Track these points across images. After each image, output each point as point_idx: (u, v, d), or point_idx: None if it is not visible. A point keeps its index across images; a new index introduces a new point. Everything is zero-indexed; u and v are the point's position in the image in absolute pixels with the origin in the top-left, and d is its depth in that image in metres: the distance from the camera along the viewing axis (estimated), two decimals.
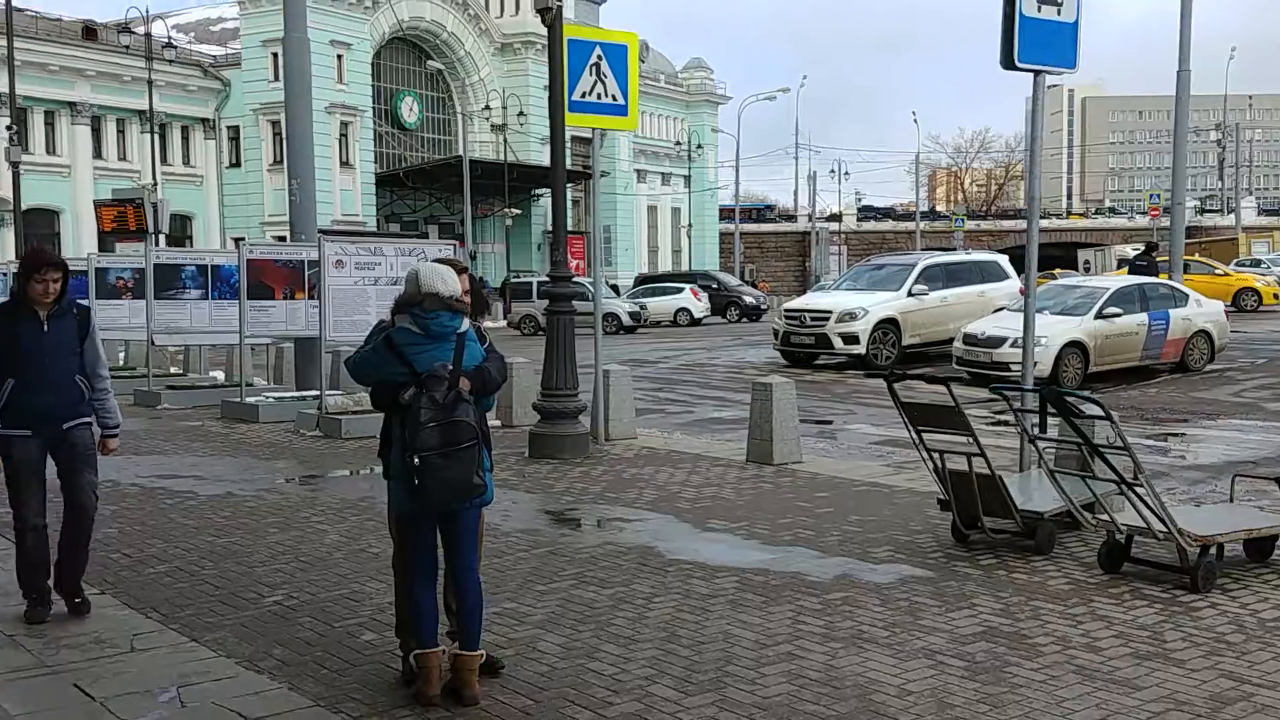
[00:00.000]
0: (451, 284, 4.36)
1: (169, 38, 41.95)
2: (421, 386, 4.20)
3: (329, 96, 45.21)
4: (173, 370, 18.28)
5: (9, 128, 30.61)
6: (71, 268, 17.66)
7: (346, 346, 13.68)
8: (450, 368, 4.27)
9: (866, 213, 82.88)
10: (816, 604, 5.53)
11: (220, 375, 17.74)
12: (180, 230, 46.71)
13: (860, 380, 17.34)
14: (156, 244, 29.25)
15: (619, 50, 10.30)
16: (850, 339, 19.04)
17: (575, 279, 12.16)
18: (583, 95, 10.17)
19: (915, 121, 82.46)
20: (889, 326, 19.29)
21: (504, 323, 37.33)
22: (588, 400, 10.74)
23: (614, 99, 10.31)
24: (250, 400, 13.23)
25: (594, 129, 10.73)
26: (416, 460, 4.14)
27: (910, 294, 19.57)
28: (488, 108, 53.11)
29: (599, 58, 10.13)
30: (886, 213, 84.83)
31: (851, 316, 19.11)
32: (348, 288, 11.84)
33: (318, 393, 12.90)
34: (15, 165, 28.73)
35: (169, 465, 9.93)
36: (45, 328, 5.24)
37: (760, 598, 5.63)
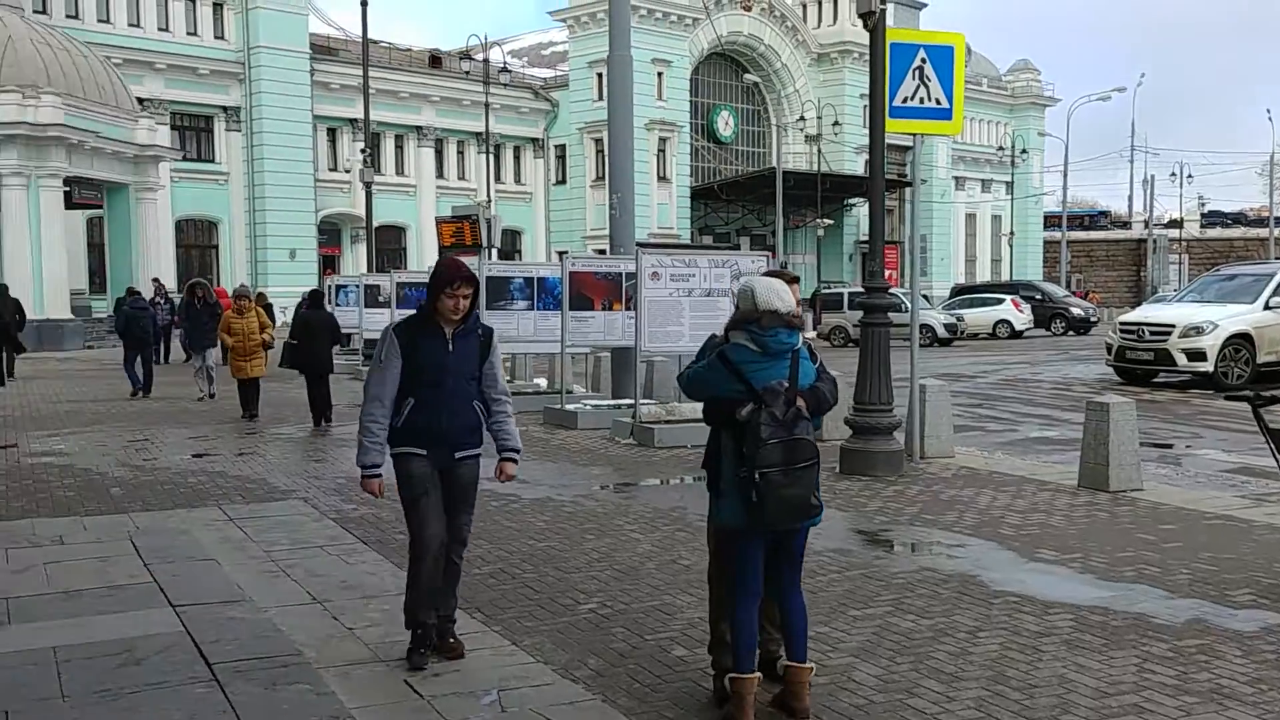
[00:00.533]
0: (788, 300, 4.24)
1: (504, 63, 44.56)
2: (760, 403, 4.11)
3: (649, 113, 46.59)
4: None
5: (364, 150, 33.41)
6: (412, 280, 19.01)
7: (660, 357, 13.96)
8: (787, 385, 4.15)
9: (1212, 218, 76.27)
10: (1166, 650, 4.98)
11: (543, 382, 18.51)
12: (510, 244, 49.55)
13: (1207, 400, 15.83)
14: (489, 258, 31.09)
15: (944, 52, 9.87)
16: (1196, 355, 17.47)
17: (890, 290, 11.79)
18: (904, 100, 9.81)
19: (1270, 119, 75.15)
20: (1241, 342, 17.56)
21: (814, 334, 36.98)
22: (902, 415, 10.35)
23: (937, 103, 9.88)
24: (570, 407, 13.69)
25: (914, 135, 10.33)
26: (757, 476, 4.05)
27: (1268, 306, 17.75)
28: (802, 118, 52.97)
29: (922, 60, 9.74)
30: (1235, 218, 77.69)
31: (1198, 331, 17.54)
32: (663, 299, 12.01)
33: (632, 401, 13.18)
34: (369, 185, 31.30)
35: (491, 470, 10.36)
36: (450, 346, 4.86)
37: (1100, 640, 5.14)
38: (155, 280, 28.09)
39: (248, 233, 42.96)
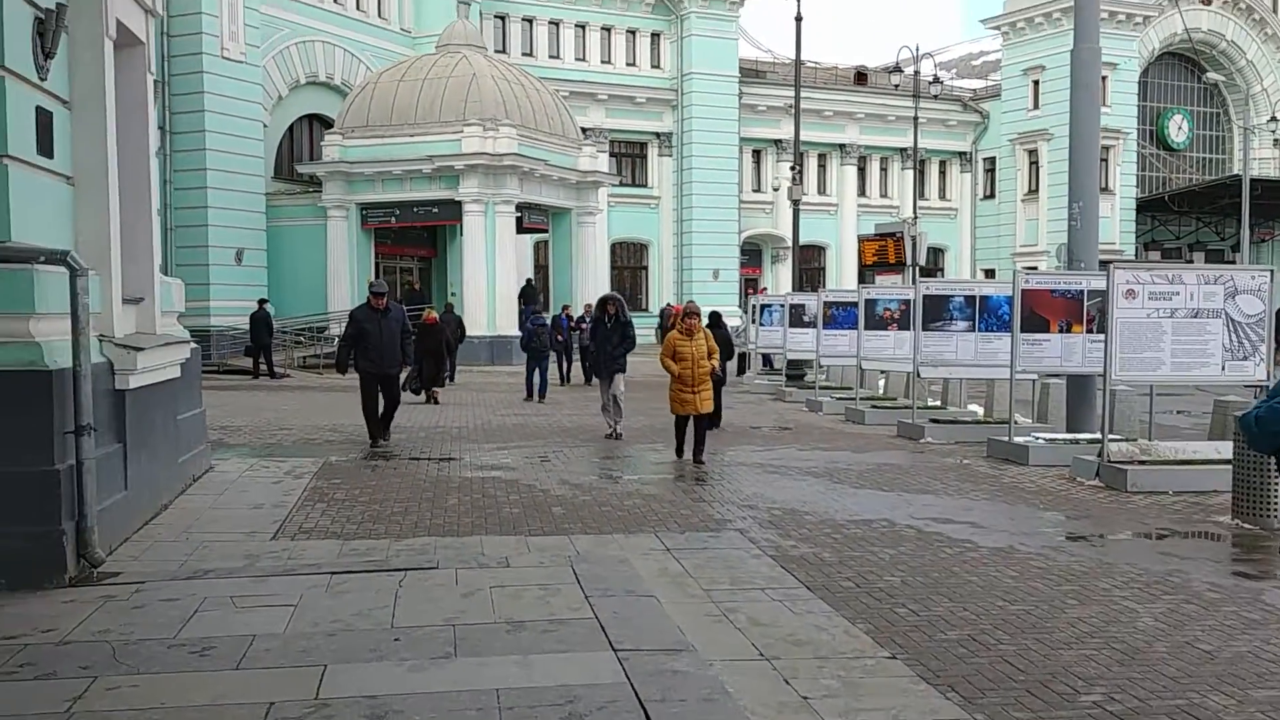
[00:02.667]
0: None
1: (935, 75, 43.09)
2: None
3: None
4: (931, 402, 18.11)
5: (793, 168, 33.30)
6: (840, 299, 18.25)
7: (1124, 386, 12.31)
8: None
9: None
10: None
11: (979, 410, 17.18)
12: (932, 262, 47.78)
13: None
14: (913, 276, 29.96)
15: None
16: None
17: None
18: None
19: None
20: None
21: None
22: None
23: None
24: (1019, 440, 12.36)
25: None
26: None
27: None
28: (1273, 119, 47.03)
29: None
30: None
31: None
32: (1139, 320, 10.48)
33: (1094, 437, 11.68)
34: (796, 203, 31.12)
35: (941, 507, 9.41)
36: None
37: None
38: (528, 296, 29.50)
39: (675, 254, 44.34)
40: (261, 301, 27.90)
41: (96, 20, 7.18)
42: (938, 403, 18.06)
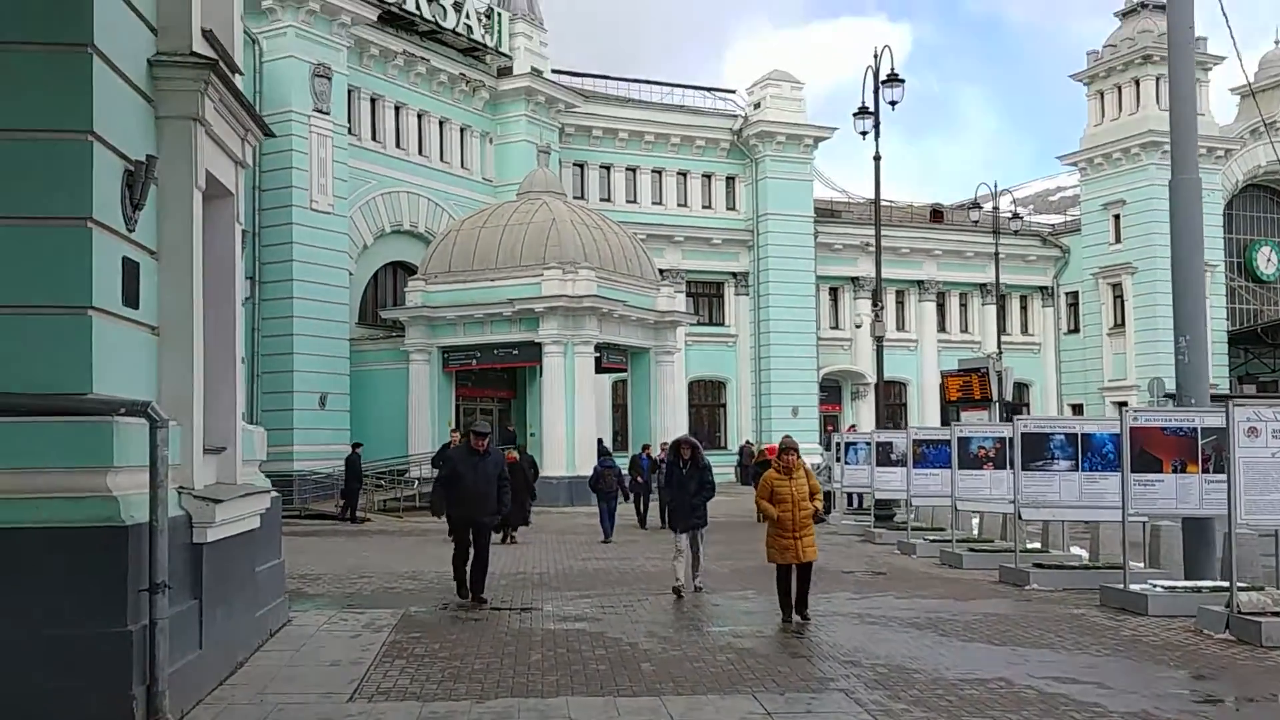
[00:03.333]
0: None
1: (1014, 211, 42.93)
2: None
3: None
4: (1030, 545, 17.27)
5: (875, 305, 33.02)
6: (932, 437, 17.45)
7: (1247, 529, 11.52)
8: None
9: None
10: None
11: (1083, 553, 16.31)
12: (1017, 397, 46.80)
13: None
14: (999, 413, 29.18)
15: None
16: None
17: None
18: None
19: None
20: None
21: None
22: None
23: None
24: (1136, 588, 11.59)
25: None
26: None
27: None
28: None
29: None
30: None
31: None
32: (1264, 460, 9.83)
33: (1219, 585, 10.89)
34: (879, 340, 30.75)
35: (1060, 664, 8.72)
36: None
37: None
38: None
39: (753, 391, 44.04)
40: (355, 446, 27.91)
41: (186, 172, 7.20)
42: (1037, 545, 17.21)
